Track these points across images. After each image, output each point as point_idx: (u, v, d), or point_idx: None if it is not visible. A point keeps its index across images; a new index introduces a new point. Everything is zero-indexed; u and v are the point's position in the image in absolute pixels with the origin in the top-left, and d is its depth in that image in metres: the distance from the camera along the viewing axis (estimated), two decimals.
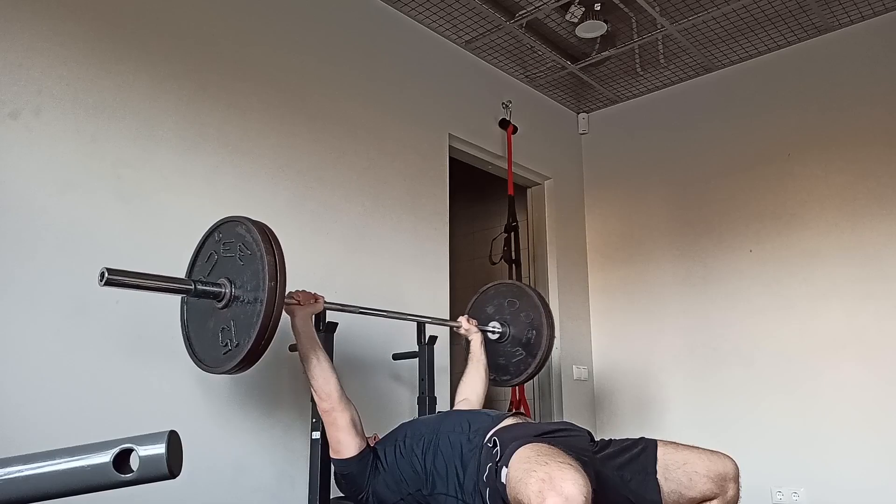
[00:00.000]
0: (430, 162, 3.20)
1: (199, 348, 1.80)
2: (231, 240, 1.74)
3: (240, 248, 1.69)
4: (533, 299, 2.63)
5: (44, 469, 0.62)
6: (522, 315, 2.64)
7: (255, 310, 1.58)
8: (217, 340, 1.70)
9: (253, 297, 1.61)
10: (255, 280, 1.62)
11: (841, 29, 3.38)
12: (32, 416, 1.81)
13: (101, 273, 1.45)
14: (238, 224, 1.73)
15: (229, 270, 1.71)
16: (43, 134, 1.95)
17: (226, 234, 1.77)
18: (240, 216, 1.75)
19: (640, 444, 1.77)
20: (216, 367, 1.71)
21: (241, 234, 1.70)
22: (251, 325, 1.59)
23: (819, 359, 3.18)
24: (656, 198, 3.90)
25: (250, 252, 1.66)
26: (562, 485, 1.26)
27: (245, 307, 1.63)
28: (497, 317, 2.70)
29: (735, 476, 1.70)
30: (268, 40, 2.61)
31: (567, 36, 3.47)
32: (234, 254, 1.71)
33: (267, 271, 1.59)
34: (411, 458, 1.79)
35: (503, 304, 2.70)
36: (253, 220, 1.71)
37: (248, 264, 1.66)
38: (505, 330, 2.67)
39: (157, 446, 0.62)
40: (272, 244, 1.65)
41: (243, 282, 1.66)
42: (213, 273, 1.75)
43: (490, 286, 2.81)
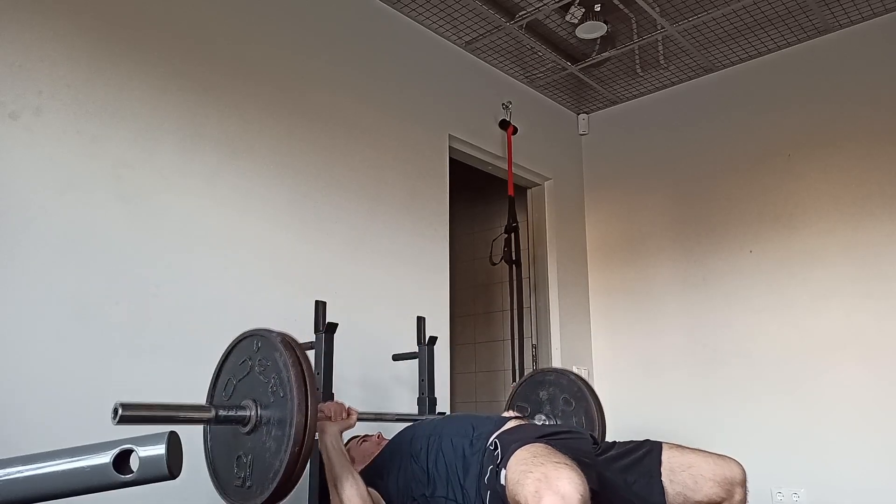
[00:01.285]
0: (430, 162, 3.21)
1: (222, 477, 1.61)
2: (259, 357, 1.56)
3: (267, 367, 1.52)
4: (592, 408, 2.42)
5: (44, 469, 0.62)
6: (575, 420, 2.45)
7: (279, 450, 1.41)
8: (232, 469, 1.55)
9: (279, 434, 1.42)
10: (283, 412, 1.43)
11: (841, 29, 3.38)
12: (33, 416, 1.81)
13: (115, 409, 1.31)
14: (263, 339, 1.56)
15: (256, 391, 1.52)
16: (43, 134, 1.95)
17: (252, 348, 1.59)
18: (268, 331, 1.56)
19: (644, 446, 1.75)
20: (238, 502, 1.53)
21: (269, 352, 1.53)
22: (271, 468, 1.41)
23: (819, 359, 3.18)
24: (656, 198, 3.90)
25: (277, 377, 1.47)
26: (558, 484, 1.26)
27: (270, 441, 1.45)
28: (548, 408, 2.51)
29: (742, 480, 1.68)
30: (268, 41, 2.61)
31: (567, 37, 3.47)
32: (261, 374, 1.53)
33: (296, 406, 1.40)
34: (420, 462, 1.78)
35: (557, 398, 2.51)
36: (282, 339, 1.51)
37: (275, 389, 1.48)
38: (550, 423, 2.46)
39: (156, 447, 0.62)
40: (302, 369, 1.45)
41: (270, 406, 1.48)
42: (238, 390, 1.58)
43: (550, 371, 2.64)
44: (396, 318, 2.81)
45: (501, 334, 4.37)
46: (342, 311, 2.33)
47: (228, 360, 1.66)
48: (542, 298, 3.84)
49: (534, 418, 2.50)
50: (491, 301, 4.59)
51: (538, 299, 3.86)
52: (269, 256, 2.45)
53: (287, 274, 2.49)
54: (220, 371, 1.67)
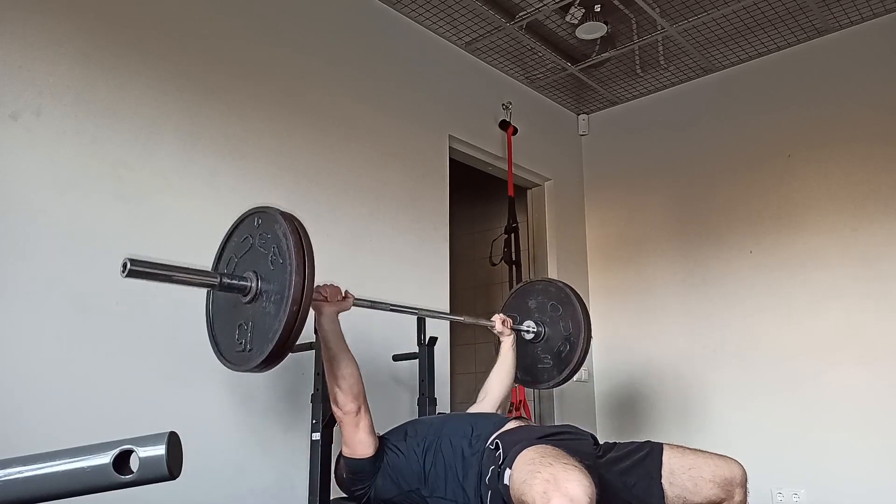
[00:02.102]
0: (430, 163, 3.21)
1: (223, 345, 1.70)
2: (259, 232, 1.63)
3: (267, 240, 1.60)
4: (578, 312, 2.49)
5: (44, 470, 0.62)
6: (562, 324, 2.51)
7: (278, 311, 1.49)
8: (234, 337, 1.63)
9: (278, 297, 1.51)
10: (282, 277, 1.52)
11: (841, 30, 3.38)
12: (32, 416, 1.80)
13: (124, 263, 1.34)
14: (264, 214, 1.63)
15: (257, 264, 1.61)
16: (43, 135, 1.95)
17: (252, 225, 1.66)
18: (268, 206, 1.65)
19: (645, 447, 1.75)
20: (238, 366, 1.63)
21: (269, 225, 1.61)
22: (270, 328, 1.50)
23: (819, 359, 3.18)
24: (657, 199, 3.90)
25: (277, 246, 1.56)
26: (566, 486, 1.26)
27: (269, 305, 1.54)
28: (536, 316, 2.57)
29: (742, 481, 1.68)
30: (268, 41, 2.61)
31: (567, 37, 3.47)
32: (261, 247, 1.61)
33: (294, 268, 1.48)
34: (412, 455, 1.78)
35: (546, 305, 2.56)
36: (282, 212, 1.60)
37: (274, 258, 1.56)
38: (540, 331, 2.54)
39: (156, 447, 0.62)
40: (301, 238, 1.54)
41: (269, 276, 1.56)
42: (239, 266, 1.66)
43: (540, 280, 2.66)
44: (396, 318, 2.81)
45: None
46: None
47: (231, 238, 1.73)
48: None
49: (522, 324, 2.55)
50: (491, 301, 4.59)
51: None
52: None
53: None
54: (223, 249, 1.74)
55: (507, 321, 2.39)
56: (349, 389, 1.76)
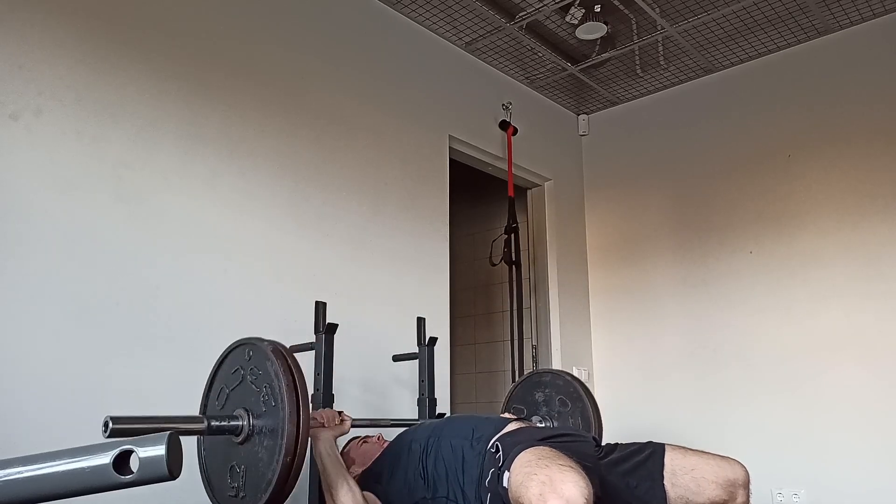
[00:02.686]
0: (430, 163, 3.21)
1: (216, 488, 1.59)
2: (251, 366, 1.55)
3: (259, 376, 1.51)
4: (588, 409, 2.43)
5: (44, 470, 0.62)
6: (572, 421, 2.45)
7: (272, 461, 1.41)
8: (227, 480, 1.54)
9: (271, 444, 1.43)
10: (275, 422, 1.43)
11: (841, 30, 3.38)
12: (33, 417, 1.80)
13: (105, 423, 1.26)
14: (254, 348, 1.55)
15: (249, 400, 1.52)
16: (43, 135, 1.95)
17: (243, 357, 1.58)
18: (255, 339, 1.56)
19: (646, 449, 1.74)
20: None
21: (260, 361, 1.52)
22: (263, 478, 1.42)
23: (819, 359, 3.18)
24: (657, 199, 3.90)
25: (269, 386, 1.48)
26: (562, 487, 1.26)
27: (262, 451, 1.46)
28: (544, 410, 2.51)
29: (745, 482, 1.67)
30: (268, 42, 2.61)
31: (567, 37, 3.47)
32: (253, 383, 1.52)
33: (288, 416, 1.39)
34: (417, 463, 1.78)
35: (553, 399, 2.52)
36: (273, 348, 1.51)
37: (266, 399, 1.48)
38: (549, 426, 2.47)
39: (156, 448, 0.62)
40: (294, 378, 1.45)
41: (262, 416, 1.48)
42: (231, 399, 1.57)
43: (546, 372, 2.64)
44: (396, 318, 2.81)
45: (501, 335, 4.37)
46: (342, 311, 2.33)
47: (221, 368, 1.65)
48: (541, 299, 3.84)
49: (530, 420, 2.50)
50: (491, 302, 4.59)
51: (538, 300, 3.85)
52: (269, 257, 2.45)
53: (287, 274, 2.48)
54: (213, 379, 1.66)
55: None
56: None
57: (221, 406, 1.59)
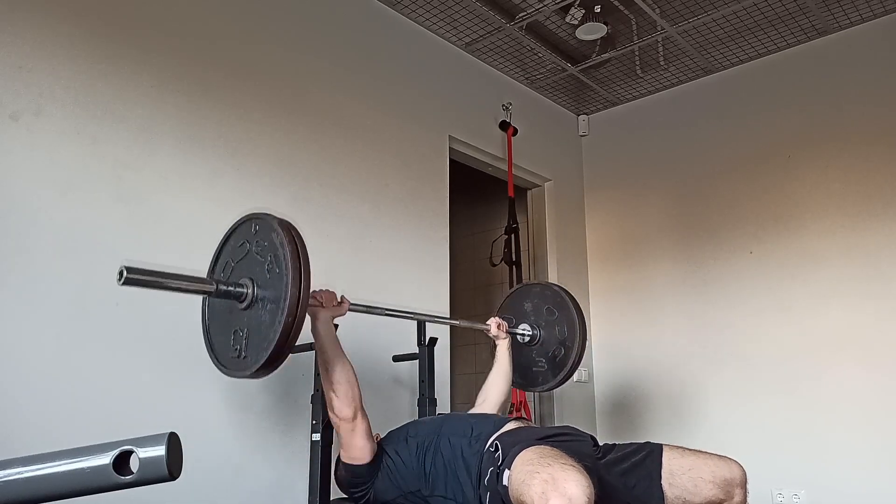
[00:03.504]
0: (430, 163, 3.21)
1: (219, 350, 1.70)
2: (256, 239, 1.63)
3: (264, 247, 1.59)
4: (573, 316, 2.49)
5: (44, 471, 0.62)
6: (557, 328, 2.51)
7: (273, 321, 1.49)
8: (229, 342, 1.63)
9: (274, 307, 1.51)
10: (278, 287, 1.52)
11: (841, 31, 3.38)
12: (33, 417, 1.80)
13: (120, 272, 1.36)
14: (261, 221, 1.64)
15: (253, 270, 1.61)
16: (43, 135, 1.95)
17: (250, 231, 1.66)
18: (263, 213, 1.65)
19: (644, 449, 1.75)
20: (233, 371, 1.62)
21: (266, 233, 1.60)
22: (265, 338, 1.50)
23: (819, 360, 3.18)
24: (656, 200, 3.90)
25: (273, 255, 1.56)
26: (565, 486, 1.26)
27: (264, 314, 1.54)
28: (532, 318, 2.57)
29: (742, 481, 1.68)
30: (269, 42, 2.61)
31: (567, 38, 3.47)
32: (258, 254, 1.61)
33: (290, 280, 1.48)
34: (412, 457, 1.78)
35: (541, 308, 2.56)
36: (279, 220, 1.60)
37: (270, 267, 1.56)
38: (535, 334, 2.55)
39: (156, 448, 0.62)
40: (297, 248, 1.54)
41: (265, 284, 1.56)
42: (236, 271, 1.65)
43: (536, 284, 2.69)
44: (396, 319, 2.80)
45: None
46: None
47: (228, 243, 1.73)
48: None
49: (518, 327, 2.55)
50: (491, 302, 4.58)
51: None
52: None
53: None
54: (219, 253, 1.74)
55: (502, 325, 2.40)
56: (345, 395, 1.75)
57: (227, 277, 1.66)
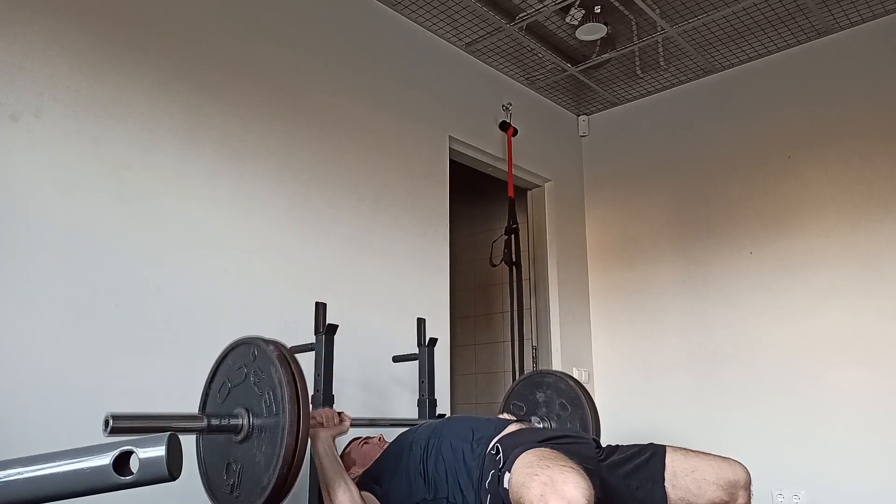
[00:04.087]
0: (430, 164, 3.21)
1: (213, 481, 1.60)
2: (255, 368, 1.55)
3: (262, 380, 1.51)
4: (587, 415, 2.43)
5: (44, 471, 0.62)
6: (570, 425, 2.45)
7: (268, 468, 1.42)
8: (223, 476, 1.55)
9: (269, 450, 1.43)
10: (274, 430, 1.44)
11: (841, 31, 3.38)
12: (33, 418, 1.80)
13: (106, 420, 1.30)
14: (260, 350, 1.55)
15: (251, 401, 1.53)
16: (43, 136, 1.95)
17: (248, 356, 1.58)
18: (261, 340, 1.56)
19: (647, 450, 1.74)
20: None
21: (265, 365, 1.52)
22: (258, 483, 1.42)
23: (819, 360, 3.18)
24: (656, 200, 3.90)
25: (272, 392, 1.48)
26: (564, 488, 1.26)
27: (259, 455, 1.46)
28: (544, 411, 2.52)
29: (746, 483, 1.67)
30: (269, 43, 2.61)
31: (567, 38, 3.47)
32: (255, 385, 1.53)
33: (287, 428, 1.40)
34: (418, 463, 1.77)
35: (554, 402, 2.52)
36: (279, 353, 1.51)
37: (268, 405, 1.48)
38: (547, 427, 2.46)
39: (156, 449, 0.62)
40: (297, 389, 1.45)
41: (262, 418, 1.49)
42: (232, 395, 1.58)
43: (551, 373, 2.64)
44: (396, 319, 2.81)
45: (501, 336, 4.37)
46: (342, 312, 2.33)
47: (224, 362, 1.65)
48: (542, 300, 3.84)
49: (529, 420, 2.50)
50: (491, 302, 4.59)
51: (538, 301, 3.85)
52: (269, 257, 2.45)
53: (287, 275, 2.48)
54: (214, 374, 1.67)
55: None
56: None
57: (223, 400, 1.59)
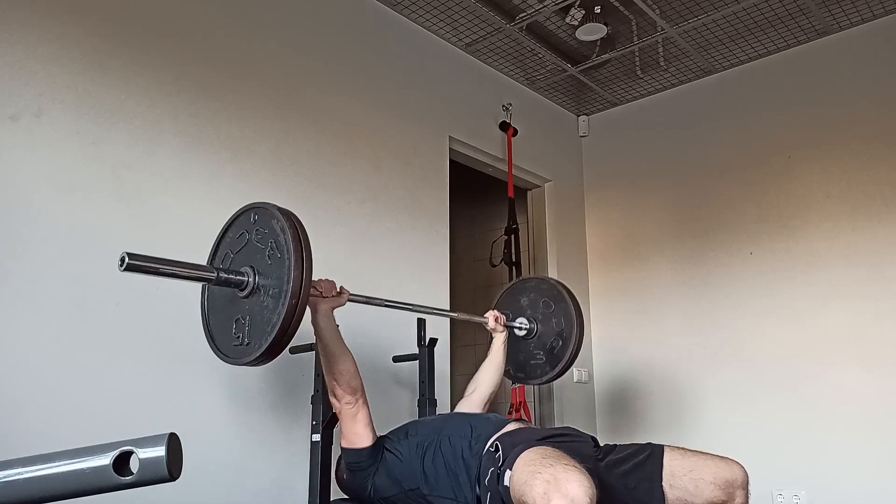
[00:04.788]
0: (430, 164, 3.21)
1: (219, 339, 1.70)
2: (256, 227, 1.63)
3: (264, 235, 1.60)
4: (570, 308, 2.52)
5: (44, 471, 0.62)
6: (554, 321, 2.53)
7: (277, 305, 1.50)
8: (231, 331, 1.63)
9: (276, 291, 1.52)
10: (280, 271, 1.52)
11: (841, 31, 3.38)
12: (33, 418, 1.80)
13: (122, 258, 1.38)
14: (260, 210, 1.64)
15: (254, 259, 1.61)
16: (44, 136, 1.95)
17: (249, 221, 1.67)
18: (265, 203, 1.65)
19: (646, 450, 1.74)
20: (236, 360, 1.62)
21: (266, 221, 1.61)
22: (268, 322, 1.50)
23: (820, 361, 3.18)
24: (656, 200, 3.90)
25: (274, 241, 1.56)
26: (567, 486, 1.26)
27: (267, 299, 1.55)
28: (529, 312, 2.59)
29: (743, 483, 1.67)
30: (269, 43, 2.61)
31: (567, 38, 3.47)
32: (258, 242, 1.61)
33: (293, 262, 1.48)
34: (412, 454, 1.78)
35: (538, 302, 2.59)
36: (279, 208, 1.60)
37: (272, 253, 1.57)
38: (532, 327, 2.56)
39: (156, 449, 0.62)
40: (298, 232, 1.54)
41: (267, 271, 1.57)
42: (235, 261, 1.66)
43: (532, 278, 2.70)
44: (397, 319, 2.80)
45: None
46: (342, 312, 2.33)
47: (226, 235, 1.72)
48: None
49: (515, 321, 2.56)
50: (491, 303, 4.57)
51: None
52: None
53: None
54: (218, 245, 1.74)
55: (500, 318, 2.41)
56: (346, 383, 1.78)
57: (227, 267, 1.65)
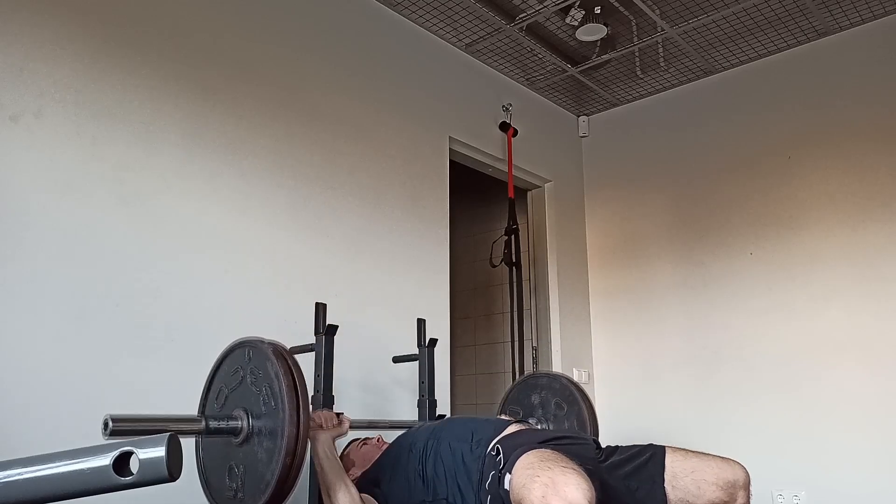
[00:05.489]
0: (430, 164, 3.21)
1: (213, 485, 1.59)
2: (251, 367, 1.54)
3: (258, 377, 1.51)
4: (583, 412, 2.43)
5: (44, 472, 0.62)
6: (567, 424, 2.45)
7: (271, 461, 1.41)
8: (225, 478, 1.53)
9: (270, 445, 1.42)
10: (274, 422, 1.43)
11: (841, 32, 3.38)
12: (33, 418, 1.80)
13: (105, 422, 1.31)
14: (254, 349, 1.54)
15: (248, 401, 1.51)
16: (44, 137, 1.95)
17: (243, 357, 1.57)
18: (255, 339, 1.56)
19: (647, 451, 1.74)
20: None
21: (260, 361, 1.51)
22: (262, 479, 1.41)
23: (820, 361, 3.18)
24: (657, 200, 3.90)
25: (269, 387, 1.47)
26: (565, 489, 1.26)
27: (261, 451, 1.45)
28: (540, 412, 2.52)
29: (745, 484, 1.67)
30: (269, 43, 2.61)
31: (567, 39, 3.47)
32: (252, 385, 1.51)
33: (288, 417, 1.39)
34: (416, 464, 1.77)
35: (550, 402, 2.52)
36: (274, 348, 1.51)
37: (266, 400, 1.48)
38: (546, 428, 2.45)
39: (156, 449, 0.62)
40: (294, 379, 1.45)
41: (261, 417, 1.47)
42: (230, 401, 1.56)
43: (543, 374, 2.65)
44: (396, 320, 2.81)
45: (501, 336, 4.37)
46: (342, 313, 2.33)
47: (221, 368, 1.64)
48: (542, 300, 3.84)
49: (527, 422, 2.49)
50: (491, 303, 4.59)
51: (538, 301, 3.85)
52: (270, 258, 2.45)
53: (287, 276, 2.49)
54: (212, 379, 1.65)
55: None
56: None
57: (221, 406, 1.58)
